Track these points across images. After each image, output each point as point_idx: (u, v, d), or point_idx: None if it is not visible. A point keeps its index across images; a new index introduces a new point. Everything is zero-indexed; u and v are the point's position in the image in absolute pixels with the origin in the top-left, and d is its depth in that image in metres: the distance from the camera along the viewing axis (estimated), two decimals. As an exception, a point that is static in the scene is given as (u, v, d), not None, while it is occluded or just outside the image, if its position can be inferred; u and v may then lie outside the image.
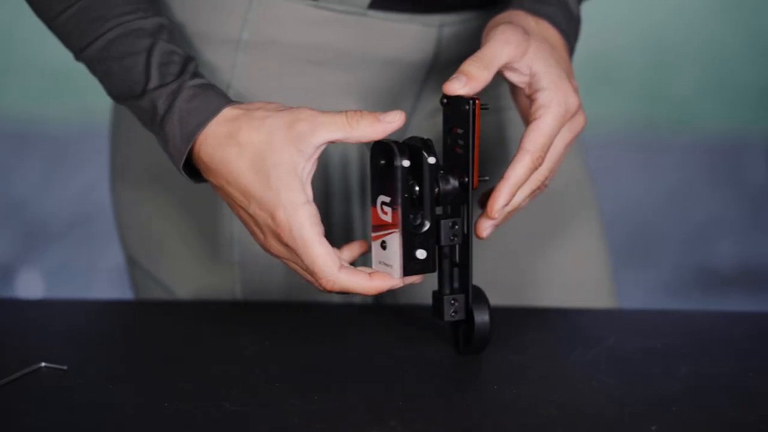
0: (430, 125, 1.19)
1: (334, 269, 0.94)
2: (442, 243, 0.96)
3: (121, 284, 3.07)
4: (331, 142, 0.95)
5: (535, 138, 0.98)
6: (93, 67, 1.02)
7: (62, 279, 3.26)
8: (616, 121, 4.45)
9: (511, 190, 0.98)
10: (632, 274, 3.27)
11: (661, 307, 3.05)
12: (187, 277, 1.17)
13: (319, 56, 1.10)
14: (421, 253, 0.96)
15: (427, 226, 0.96)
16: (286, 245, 0.94)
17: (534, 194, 1.01)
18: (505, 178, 0.98)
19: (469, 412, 0.90)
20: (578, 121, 1.02)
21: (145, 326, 1.10)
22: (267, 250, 0.97)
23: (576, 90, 1.02)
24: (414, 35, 1.11)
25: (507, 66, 0.99)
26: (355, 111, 0.95)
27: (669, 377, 0.97)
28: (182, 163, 0.97)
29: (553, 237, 1.21)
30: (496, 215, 0.98)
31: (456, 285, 0.98)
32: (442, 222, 0.96)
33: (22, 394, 0.92)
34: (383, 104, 1.13)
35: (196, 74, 0.99)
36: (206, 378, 0.95)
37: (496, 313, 1.00)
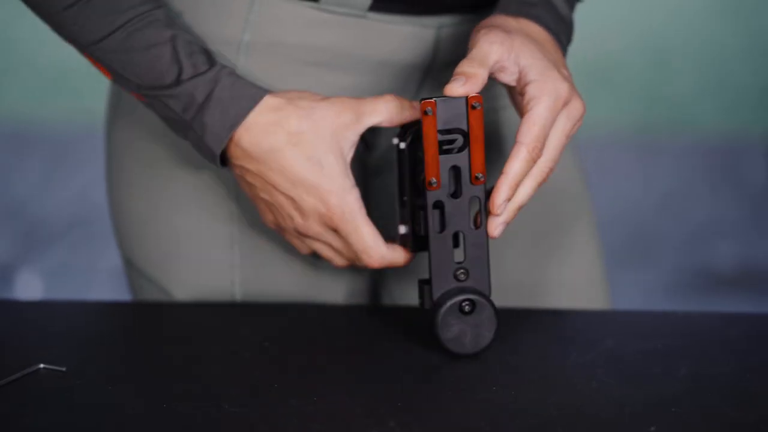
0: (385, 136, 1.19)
1: (382, 246, 1.03)
2: (420, 231, 1.02)
3: (121, 285, 3.07)
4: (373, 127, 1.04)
5: (528, 129, 0.98)
6: (109, 58, 1.03)
7: (61, 280, 3.26)
8: (615, 122, 4.45)
9: (511, 184, 0.98)
10: (631, 275, 3.27)
11: (660, 308, 3.05)
12: (185, 279, 1.17)
13: (319, 57, 1.10)
14: (402, 228, 1.05)
15: (406, 205, 1.04)
16: (333, 229, 1.03)
17: (536, 188, 1.01)
18: (503, 173, 0.98)
19: (467, 414, 0.90)
20: (575, 108, 1.02)
21: (145, 327, 1.10)
22: (300, 232, 1.04)
23: (567, 78, 1.01)
24: (412, 37, 1.11)
25: (496, 65, 1.00)
26: (393, 98, 1.03)
27: (668, 378, 0.97)
28: (221, 149, 1.02)
29: (547, 239, 1.21)
30: (499, 211, 0.98)
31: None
32: (421, 213, 1.00)
33: (21, 395, 0.92)
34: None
35: (224, 64, 1.04)
36: (205, 379, 0.95)
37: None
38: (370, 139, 1.16)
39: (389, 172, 1.22)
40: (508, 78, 1.01)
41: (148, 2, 1.03)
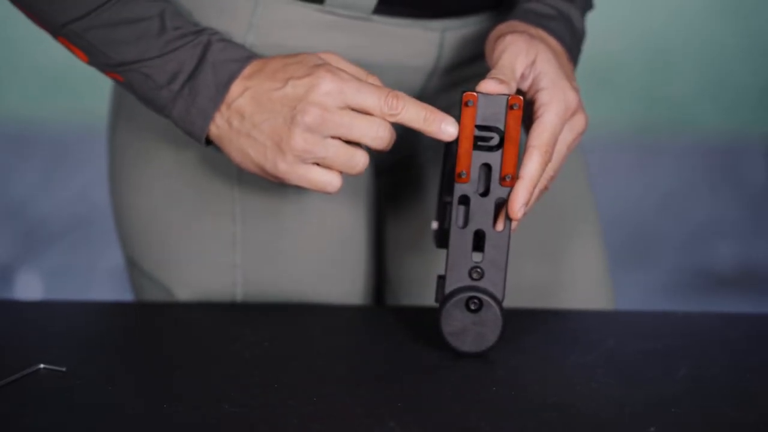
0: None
1: (391, 89, 0.98)
2: (444, 225, 1.01)
3: (121, 285, 3.07)
4: None
5: (540, 134, 0.99)
6: (91, 35, 1.01)
7: (61, 280, 3.26)
8: (615, 122, 4.45)
9: (529, 187, 0.98)
10: (631, 275, 3.27)
11: (661, 308, 3.05)
12: (187, 279, 1.17)
13: (322, 59, 1.10)
14: (434, 224, 1.04)
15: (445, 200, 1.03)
16: (339, 92, 0.97)
17: (539, 195, 1.01)
18: (520, 177, 0.98)
19: (467, 414, 0.90)
20: (579, 121, 1.02)
21: (145, 328, 1.10)
22: (293, 153, 0.98)
23: (576, 90, 1.02)
24: (417, 40, 1.11)
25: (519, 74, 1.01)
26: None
27: (668, 378, 0.97)
28: (216, 110, 1.00)
29: (552, 242, 1.21)
30: (519, 215, 0.98)
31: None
32: (448, 207, 1.00)
33: (21, 395, 0.92)
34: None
35: (216, 31, 1.03)
36: (205, 379, 0.95)
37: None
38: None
39: (400, 172, 1.22)
40: (523, 84, 1.01)
41: None
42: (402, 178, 1.24)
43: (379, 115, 0.97)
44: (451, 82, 1.17)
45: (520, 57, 1.00)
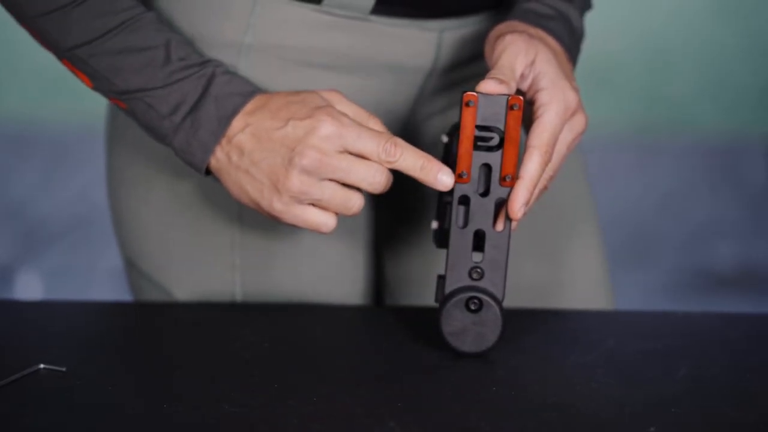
0: (426, 129, 1.19)
1: (391, 134, 0.99)
2: (444, 225, 1.01)
3: (121, 286, 3.07)
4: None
5: (540, 134, 0.99)
6: (95, 62, 1.01)
7: (61, 280, 3.26)
8: (615, 122, 4.45)
9: (529, 187, 0.98)
10: (631, 275, 3.27)
11: (661, 308, 3.05)
12: (186, 280, 1.17)
13: (321, 60, 1.10)
14: (434, 224, 1.03)
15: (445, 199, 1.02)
16: (338, 138, 0.97)
17: (539, 195, 1.01)
18: (521, 177, 0.98)
19: (467, 414, 0.90)
20: (579, 121, 1.02)
21: (145, 328, 1.10)
22: (289, 194, 0.99)
23: (576, 90, 1.02)
24: (415, 40, 1.11)
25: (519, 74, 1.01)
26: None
27: (668, 378, 0.97)
28: (216, 143, 1.00)
29: (552, 242, 1.21)
30: (518, 215, 0.98)
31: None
32: (448, 207, 1.00)
33: (21, 395, 0.92)
34: (382, 107, 1.13)
35: (220, 63, 1.03)
36: (205, 379, 0.95)
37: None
38: None
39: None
40: (523, 84, 1.01)
41: (139, 5, 1.02)
42: (401, 178, 1.23)
43: (376, 161, 0.98)
44: (450, 83, 1.17)
45: (520, 57, 1.00)
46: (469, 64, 1.16)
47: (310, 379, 0.96)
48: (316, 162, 0.97)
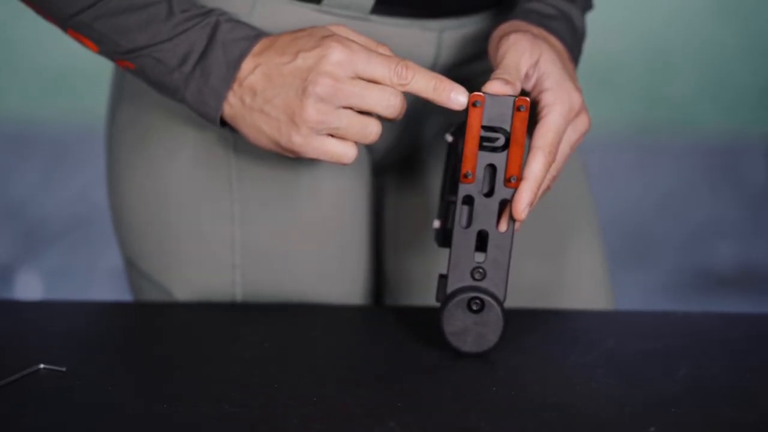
0: (427, 128, 1.19)
1: (401, 58, 0.98)
2: (447, 225, 1.01)
3: (121, 285, 3.07)
4: None
5: (544, 134, 0.99)
6: (100, 24, 1.02)
7: (61, 280, 3.26)
8: (615, 122, 4.45)
9: (533, 187, 0.98)
10: (631, 275, 3.27)
11: (661, 308, 3.05)
12: (186, 280, 1.17)
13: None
14: (436, 222, 1.04)
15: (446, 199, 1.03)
16: (347, 56, 0.96)
17: (542, 195, 1.01)
18: (524, 178, 0.98)
19: (467, 414, 0.90)
20: (582, 122, 1.02)
21: (145, 328, 1.10)
22: (308, 125, 0.98)
23: (579, 90, 1.02)
24: (415, 40, 1.11)
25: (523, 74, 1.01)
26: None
27: (668, 378, 0.97)
28: (228, 88, 1.00)
29: (552, 243, 1.21)
30: (522, 215, 0.98)
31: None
32: (452, 206, 1.00)
33: (20, 395, 0.92)
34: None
35: (223, 11, 1.03)
36: (205, 379, 0.95)
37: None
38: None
39: (393, 173, 1.22)
40: (527, 84, 1.01)
41: None
42: (402, 177, 1.23)
43: (389, 84, 0.97)
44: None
45: (524, 56, 1.00)
46: (469, 64, 1.16)
47: (310, 379, 0.96)
48: (329, 89, 0.97)
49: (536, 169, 0.98)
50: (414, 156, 1.22)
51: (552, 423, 0.88)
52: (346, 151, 0.99)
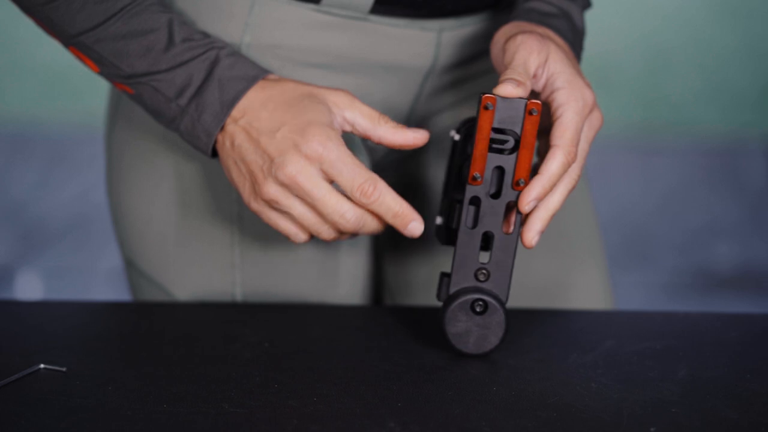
0: (426, 128, 1.19)
1: (375, 175, 0.97)
2: (452, 224, 1.01)
3: (121, 285, 3.07)
4: (352, 129, 1.01)
5: (562, 134, 0.99)
6: (100, 47, 1.02)
7: (61, 280, 3.26)
8: (614, 123, 4.45)
9: (545, 184, 0.98)
10: (630, 276, 3.27)
11: (660, 308, 3.05)
12: (186, 280, 1.17)
13: (319, 60, 1.10)
14: (438, 219, 1.05)
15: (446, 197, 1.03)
16: (317, 160, 0.96)
17: (566, 195, 1.01)
18: (539, 173, 0.98)
19: (467, 414, 0.90)
20: (596, 117, 1.03)
21: (145, 328, 1.10)
22: (262, 197, 0.99)
23: (590, 87, 1.02)
24: (414, 40, 1.11)
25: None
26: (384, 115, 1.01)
27: (667, 379, 0.97)
28: (219, 129, 1.01)
29: (550, 245, 1.21)
30: (527, 208, 0.98)
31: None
32: (457, 206, 0.99)
33: (20, 395, 0.92)
34: (381, 107, 1.13)
35: (225, 44, 1.03)
36: (205, 380, 0.95)
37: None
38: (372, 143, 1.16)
39: (391, 171, 1.22)
40: (536, 84, 1.01)
41: None
42: (402, 177, 1.24)
43: (351, 197, 0.98)
44: (449, 82, 1.17)
45: (533, 56, 1.00)
46: (468, 64, 1.16)
47: (310, 379, 0.96)
48: (290, 180, 0.98)
49: (553, 167, 0.98)
50: (414, 155, 1.22)
51: (552, 423, 0.88)
52: (296, 234, 1.01)
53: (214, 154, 1.04)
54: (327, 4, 1.08)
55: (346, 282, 1.19)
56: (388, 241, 1.26)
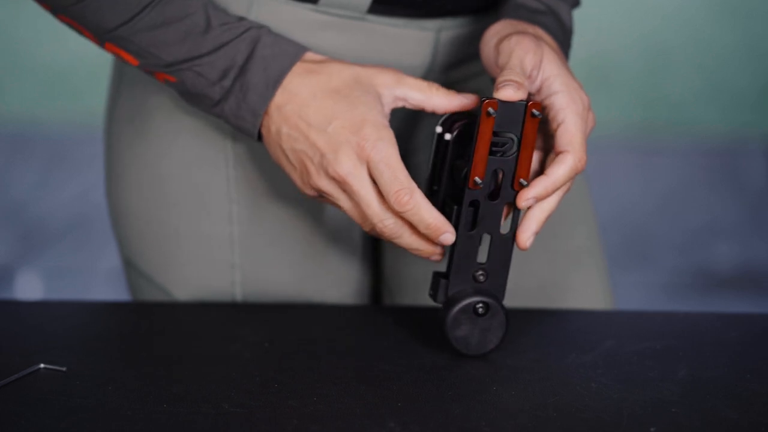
0: (424, 127, 1.19)
1: (414, 184, 0.96)
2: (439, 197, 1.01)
3: (121, 285, 3.07)
4: (405, 104, 1.01)
5: (571, 139, 0.98)
6: (138, 39, 1.01)
7: (61, 280, 3.26)
8: (614, 122, 4.45)
9: (548, 185, 0.98)
10: (630, 276, 3.27)
11: (660, 308, 3.05)
12: (185, 280, 1.17)
13: (317, 59, 1.10)
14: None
15: (436, 195, 1.01)
16: (365, 159, 0.96)
17: (562, 196, 1.01)
18: (546, 174, 0.98)
19: (467, 414, 0.90)
20: (591, 119, 1.02)
21: (145, 328, 1.10)
22: (320, 184, 0.99)
23: (582, 87, 1.02)
24: (412, 40, 1.11)
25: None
26: (439, 87, 1.02)
27: (667, 379, 0.97)
28: (265, 108, 1.00)
29: (550, 245, 1.21)
30: (523, 205, 0.98)
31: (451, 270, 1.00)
32: (455, 208, 0.98)
33: (20, 395, 0.92)
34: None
35: (261, 25, 1.02)
36: (205, 380, 0.95)
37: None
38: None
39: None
40: (531, 87, 1.00)
41: None
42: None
43: (387, 201, 0.97)
44: (447, 82, 1.17)
45: (528, 57, 0.99)
46: (467, 63, 1.16)
47: (310, 379, 0.96)
48: (341, 178, 0.97)
49: (561, 171, 0.98)
50: (412, 156, 1.22)
51: (551, 423, 0.88)
52: (352, 211, 1.00)
53: (260, 137, 1.03)
54: (325, 4, 1.08)
55: (345, 282, 1.19)
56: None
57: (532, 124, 0.96)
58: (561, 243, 1.22)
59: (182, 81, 1.02)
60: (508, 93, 0.96)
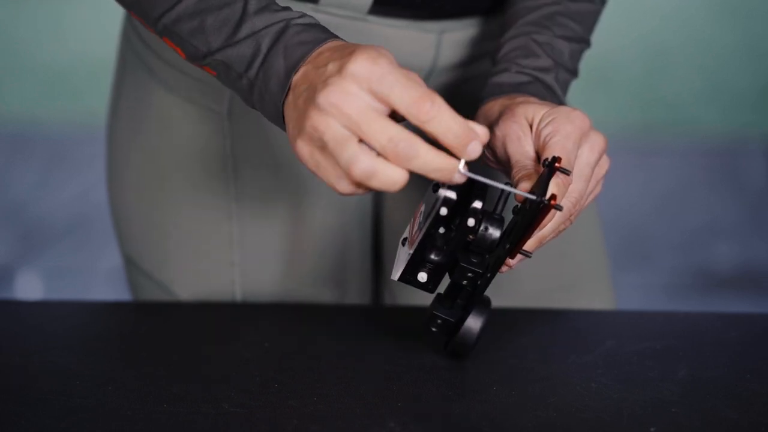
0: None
1: (431, 89, 0.84)
2: (453, 280, 0.94)
3: (121, 285, 3.07)
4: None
5: (563, 183, 0.91)
6: (179, 28, 0.95)
7: (61, 280, 3.26)
8: (613, 124, 4.45)
9: (541, 240, 0.94)
10: (630, 276, 3.27)
11: (660, 308, 3.04)
12: (186, 278, 1.17)
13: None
14: (422, 276, 0.92)
15: (438, 259, 0.92)
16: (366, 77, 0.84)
17: (561, 231, 0.96)
18: (538, 235, 0.94)
19: (467, 414, 0.90)
20: (597, 140, 0.96)
21: (145, 327, 1.10)
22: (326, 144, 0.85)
23: (578, 110, 0.96)
24: (413, 41, 1.11)
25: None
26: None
27: (667, 379, 0.97)
28: (283, 96, 0.89)
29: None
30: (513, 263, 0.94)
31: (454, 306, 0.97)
32: (461, 265, 0.93)
33: (20, 395, 0.92)
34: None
35: (302, 15, 0.93)
36: (205, 379, 0.96)
37: (494, 313, 1.00)
38: None
39: None
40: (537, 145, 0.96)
41: None
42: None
43: (405, 115, 0.84)
44: (449, 83, 1.17)
45: (527, 141, 0.95)
46: (468, 65, 1.16)
47: (310, 379, 0.96)
48: (332, 106, 0.85)
49: (549, 227, 0.93)
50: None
51: (551, 423, 0.88)
52: (339, 180, 0.86)
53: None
54: (325, 4, 1.08)
55: (345, 281, 1.19)
56: (388, 240, 1.26)
57: (547, 214, 0.89)
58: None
59: (219, 74, 0.95)
60: (525, 187, 0.91)
